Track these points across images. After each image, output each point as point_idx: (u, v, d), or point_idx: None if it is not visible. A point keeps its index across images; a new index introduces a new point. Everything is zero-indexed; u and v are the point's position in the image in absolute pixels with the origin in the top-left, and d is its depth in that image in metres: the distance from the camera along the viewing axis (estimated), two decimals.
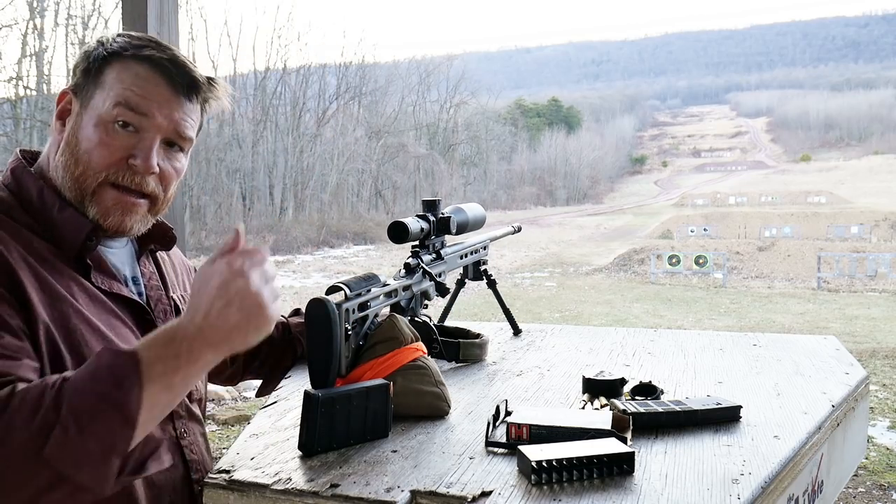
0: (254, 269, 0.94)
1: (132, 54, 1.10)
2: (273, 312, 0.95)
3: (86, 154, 1.08)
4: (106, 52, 1.10)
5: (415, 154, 41.07)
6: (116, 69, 1.09)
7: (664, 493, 0.92)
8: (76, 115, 1.11)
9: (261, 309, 0.93)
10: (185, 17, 29.07)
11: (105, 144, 1.07)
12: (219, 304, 0.91)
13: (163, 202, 1.15)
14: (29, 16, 21.04)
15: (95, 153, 1.07)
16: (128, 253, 1.22)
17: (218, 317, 0.91)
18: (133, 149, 1.08)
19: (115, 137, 1.08)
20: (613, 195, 61.05)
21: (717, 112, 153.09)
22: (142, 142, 1.08)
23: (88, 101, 1.10)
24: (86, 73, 1.11)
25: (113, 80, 1.09)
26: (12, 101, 20.37)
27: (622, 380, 1.29)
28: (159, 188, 1.13)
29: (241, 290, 0.92)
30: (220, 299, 0.91)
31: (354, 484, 0.95)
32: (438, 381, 1.22)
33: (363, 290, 1.20)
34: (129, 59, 1.10)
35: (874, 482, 4.34)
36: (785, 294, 14.48)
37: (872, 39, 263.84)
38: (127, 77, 1.08)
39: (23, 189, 1.10)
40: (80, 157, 1.08)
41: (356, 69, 39.33)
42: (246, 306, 0.92)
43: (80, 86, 1.11)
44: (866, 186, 49.40)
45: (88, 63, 1.11)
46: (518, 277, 16.99)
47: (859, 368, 1.50)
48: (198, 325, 0.91)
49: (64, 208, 1.08)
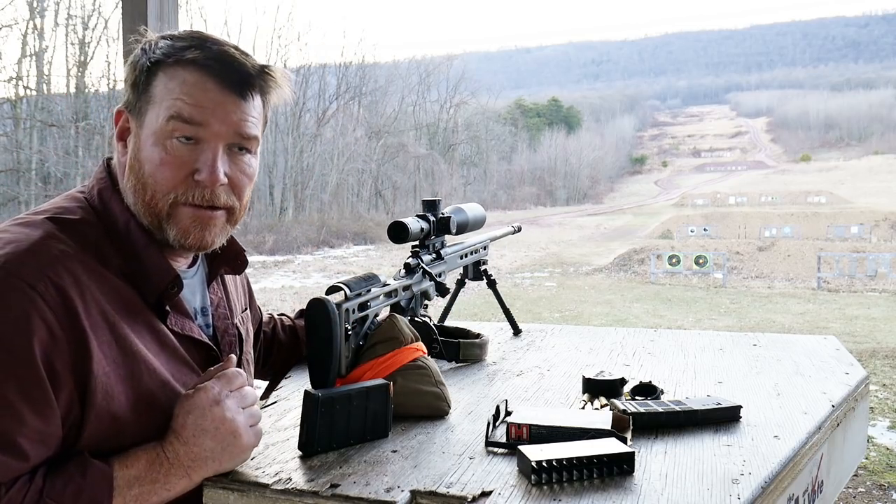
0: (230, 396, 0.97)
1: (175, 60, 1.02)
2: (248, 440, 0.98)
3: (150, 177, 1.02)
4: (150, 62, 1.04)
5: (415, 154, 41.07)
6: (163, 79, 1.02)
7: (664, 493, 0.93)
8: (135, 136, 1.05)
9: (235, 437, 0.97)
10: (185, 17, 29.03)
11: (167, 164, 1.02)
12: (195, 431, 0.95)
13: (240, 210, 1.10)
14: (29, 16, 21.04)
15: (159, 174, 1.02)
16: (199, 280, 1.19)
17: (194, 444, 0.95)
18: (196, 163, 1.02)
19: (176, 154, 1.02)
20: (613, 195, 61.01)
21: (717, 112, 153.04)
22: (203, 154, 1.02)
23: (143, 119, 1.04)
24: (135, 88, 1.05)
25: (162, 92, 1.02)
26: (12, 101, 20.37)
27: (622, 380, 1.29)
28: (232, 198, 1.07)
29: (216, 418, 0.95)
30: (197, 427, 0.95)
31: (354, 484, 0.95)
32: (438, 381, 1.22)
33: (363, 290, 1.20)
34: (173, 66, 1.02)
35: (874, 482, 4.34)
36: (785, 294, 14.48)
37: (872, 39, 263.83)
38: (175, 86, 1.01)
39: (110, 215, 1.05)
40: (147, 182, 1.02)
41: (356, 69, 39.39)
42: (220, 434, 0.95)
43: (131, 102, 1.05)
44: (866, 186, 49.38)
45: (135, 76, 1.05)
46: (518, 277, 16.99)
47: (859, 368, 1.50)
48: (175, 451, 0.95)
49: (149, 246, 1.04)
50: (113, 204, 1.06)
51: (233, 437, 0.97)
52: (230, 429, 0.97)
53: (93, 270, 0.98)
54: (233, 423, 0.97)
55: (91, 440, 0.95)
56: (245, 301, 1.34)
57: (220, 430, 0.96)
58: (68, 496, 0.90)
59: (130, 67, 1.06)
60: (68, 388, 0.92)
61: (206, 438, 0.95)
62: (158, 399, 1.01)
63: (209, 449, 0.96)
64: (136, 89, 1.05)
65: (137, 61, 1.05)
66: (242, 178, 1.08)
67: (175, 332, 1.08)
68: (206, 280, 1.20)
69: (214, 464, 0.96)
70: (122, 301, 1.00)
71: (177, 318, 1.08)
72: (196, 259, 1.19)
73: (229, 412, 0.97)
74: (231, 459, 0.98)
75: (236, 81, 1.04)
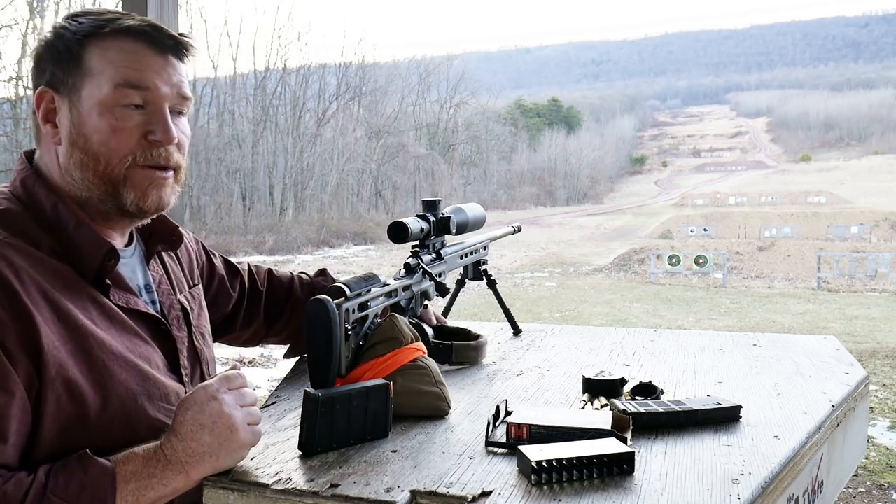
0: (228, 393, 0.98)
1: (111, 30, 1.05)
2: (246, 437, 0.99)
3: (103, 146, 1.04)
4: (78, 37, 1.05)
5: (415, 154, 41.06)
6: (97, 51, 1.04)
7: (664, 493, 0.92)
8: (69, 111, 1.05)
9: (232, 431, 0.97)
10: (185, 17, 29.09)
11: (120, 129, 1.04)
12: (192, 426, 0.96)
13: (183, 170, 1.14)
14: (29, 16, 21.04)
15: (113, 142, 1.04)
16: (138, 259, 1.20)
17: (191, 439, 0.96)
18: (148, 125, 1.06)
19: (127, 119, 1.05)
20: (613, 195, 61.00)
21: (717, 112, 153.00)
22: (154, 115, 1.06)
23: (78, 93, 1.05)
24: (60, 65, 1.05)
25: (100, 64, 1.04)
26: (12, 101, 20.37)
27: (622, 380, 1.29)
28: (179, 157, 1.12)
29: (213, 413, 0.96)
30: (195, 422, 0.96)
31: (354, 484, 0.95)
32: (438, 381, 1.22)
33: (363, 291, 1.20)
34: (107, 37, 1.05)
35: (874, 482, 4.34)
36: (785, 294, 14.48)
37: (872, 39, 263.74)
38: (115, 56, 1.04)
39: (35, 202, 1.06)
40: (99, 151, 1.04)
41: (356, 69, 39.38)
42: (217, 428, 0.96)
43: (58, 79, 1.05)
44: (866, 186, 49.38)
45: (59, 53, 1.05)
46: (518, 277, 16.99)
47: (859, 368, 1.50)
48: (173, 448, 0.96)
49: (80, 225, 1.05)
50: (38, 190, 1.07)
51: (230, 432, 0.97)
52: (227, 423, 0.97)
53: (26, 254, 0.99)
54: (230, 419, 0.97)
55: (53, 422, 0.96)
56: (194, 278, 1.34)
57: (217, 425, 0.96)
58: (72, 492, 0.91)
59: (48, 46, 1.07)
60: (23, 363, 0.93)
61: (203, 433, 0.96)
62: (114, 372, 1.01)
63: (206, 444, 0.96)
64: (62, 66, 1.05)
65: (58, 39, 1.06)
66: (184, 137, 1.14)
67: (120, 306, 1.08)
68: (145, 259, 1.22)
69: (212, 459, 0.96)
70: (61, 279, 1.01)
71: (119, 294, 1.09)
72: (132, 239, 1.21)
73: (227, 407, 0.98)
74: (228, 455, 0.98)
75: (171, 46, 1.09)
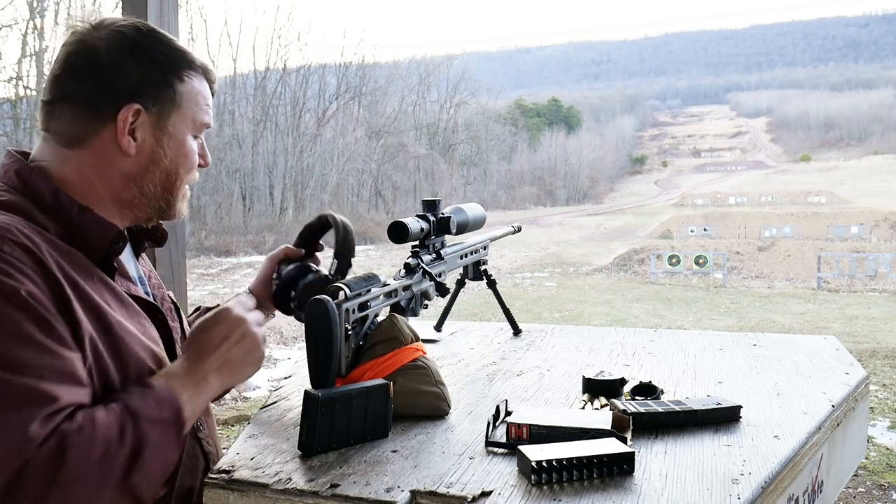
0: (251, 314, 1.11)
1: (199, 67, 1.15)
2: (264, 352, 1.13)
3: (180, 168, 1.15)
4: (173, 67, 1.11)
5: (415, 154, 41.08)
6: (186, 87, 1.12)
7: (664, 493, 0.93)
8: (153, 131, 1.09)
9: (257, 347, 1.10)
10: (185, 17, 29.07)
11: (190, 154, 1.16)
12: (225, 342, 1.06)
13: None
14: (29, 16, 21.05)
15: (184, 163, 1.15)
16: (129, 253, 1.21)
17: (227, 351, 1.06)
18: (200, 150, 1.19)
19: (194, 147, 1.17)
20: (613, 195, 61.05)
21: (717, 112, 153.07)
22: (203, 144, 1.20)
23: (165, 119, 1.11)
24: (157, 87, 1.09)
25: (188, 99, 1.13)
26: (12, 101, 20.37)
27: (622, 380, 1.29)
28: None
29: (244, 332, 1.08)
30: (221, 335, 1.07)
31: (354, 484, 0.95)
32: (438, 381, 1.22)
33: (363, 290, 1.20)
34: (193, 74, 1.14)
35: (874, 482, 4.34)
36: (785, 294, 14.48)
37: (872, 39, 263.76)
38: (196, 94, 1.14)
39: (32, 190, 1.05)
40: (179, 172, 1.15)
41: (356, 69, 39.34)
42: (245, 344, 1.08)
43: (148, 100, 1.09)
44: (866, 186, 49.41)
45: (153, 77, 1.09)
46: (518, 277, 16.99)
47: (859, 368, 1.50)
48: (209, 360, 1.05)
49: (83, 210, 1.06)
50: (34, 178, 1.06)
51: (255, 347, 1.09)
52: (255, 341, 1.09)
53: (40, 235, 1.00)
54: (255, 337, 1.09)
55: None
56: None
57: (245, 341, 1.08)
58: (152, 407, 0.95)
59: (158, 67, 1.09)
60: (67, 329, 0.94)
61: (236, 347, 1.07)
62: (132, 351, 1.02)
63: (238, 357, 1.07)
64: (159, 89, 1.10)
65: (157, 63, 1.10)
66: None
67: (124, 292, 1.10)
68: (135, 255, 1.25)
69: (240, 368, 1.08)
70: (74, 260, 1.02)
71: (122, 281, 1.11)
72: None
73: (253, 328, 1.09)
74: (253, 366, 1.09)
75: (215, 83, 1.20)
